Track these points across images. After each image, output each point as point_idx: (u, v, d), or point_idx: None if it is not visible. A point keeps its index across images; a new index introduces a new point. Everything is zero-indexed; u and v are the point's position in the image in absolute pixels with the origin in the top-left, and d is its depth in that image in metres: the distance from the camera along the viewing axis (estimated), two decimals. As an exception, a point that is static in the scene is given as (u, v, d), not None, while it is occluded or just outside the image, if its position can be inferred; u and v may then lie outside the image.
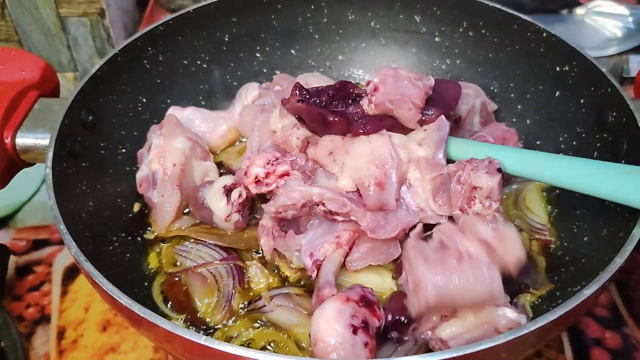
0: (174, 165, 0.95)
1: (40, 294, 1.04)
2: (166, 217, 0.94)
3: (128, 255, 0.92)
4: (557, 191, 0.97)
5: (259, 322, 0.85)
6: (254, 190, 0.90)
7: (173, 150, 0.96)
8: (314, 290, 0.84)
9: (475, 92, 1.08)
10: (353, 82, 1.24)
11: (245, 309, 0.87)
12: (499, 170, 0.82)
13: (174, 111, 1.06)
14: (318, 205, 0.85)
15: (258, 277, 0.90)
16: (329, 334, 0.72)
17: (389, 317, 0.77)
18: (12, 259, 1.08)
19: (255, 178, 0.90)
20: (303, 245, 0.87)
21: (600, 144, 0.93)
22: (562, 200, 0.96)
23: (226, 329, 0.85)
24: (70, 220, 0.77)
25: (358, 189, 0.86)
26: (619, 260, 0.70)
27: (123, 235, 0.93)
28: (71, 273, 1.07)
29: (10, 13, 1.33)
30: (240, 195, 0.92)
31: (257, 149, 0.98)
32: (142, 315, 0.63)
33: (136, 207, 0.99)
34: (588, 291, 0.66)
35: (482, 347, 0.61)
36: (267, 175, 0.89)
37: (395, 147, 0.86)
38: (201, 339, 0.59)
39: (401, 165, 0.85)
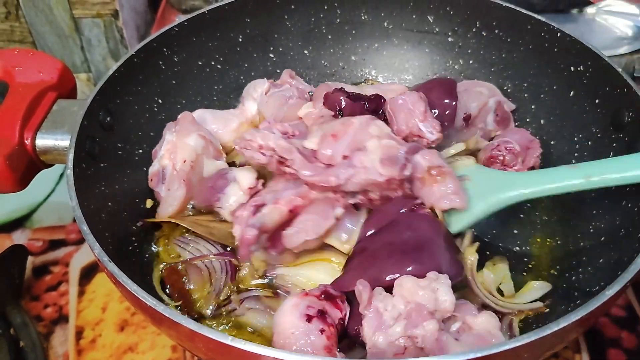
0: (184, 161, 0.95)
1: (58, 294, 1.05)
2: (167, 209, 0.95)
3: (147, 255, 0.93)
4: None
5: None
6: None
7: (184, 147, 0.96)
8: None
9: (490, 90, 1.08)
10: (366, 82, 1.25)
11: (216, 311, 0.86)
12: None
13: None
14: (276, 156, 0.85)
15: (247, 278, 0.90)
16: (281, 326, 0.74)
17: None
18: (29, 259, 1.09)
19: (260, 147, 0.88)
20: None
21: (617, 144, 0.93)
22: (577, 200, 0.96)
23: (213, 323, 0.85)
24: (91, 221, 0.77)
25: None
26: (641, 260, 0.70)
27: (142, 235, 0.94)
28: (88, 273, 1.08)
29: (25, 14, 1.33)
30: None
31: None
32: (167, 315, 0.64)
33: (149, 203, 1.00)
34: (610, 292, 0.66)
35: (505, 347, 0.60)
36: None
37: (371, 126, 0.87)
38: (227, 339, 0.60)
39: (364, 133, 0.86)
